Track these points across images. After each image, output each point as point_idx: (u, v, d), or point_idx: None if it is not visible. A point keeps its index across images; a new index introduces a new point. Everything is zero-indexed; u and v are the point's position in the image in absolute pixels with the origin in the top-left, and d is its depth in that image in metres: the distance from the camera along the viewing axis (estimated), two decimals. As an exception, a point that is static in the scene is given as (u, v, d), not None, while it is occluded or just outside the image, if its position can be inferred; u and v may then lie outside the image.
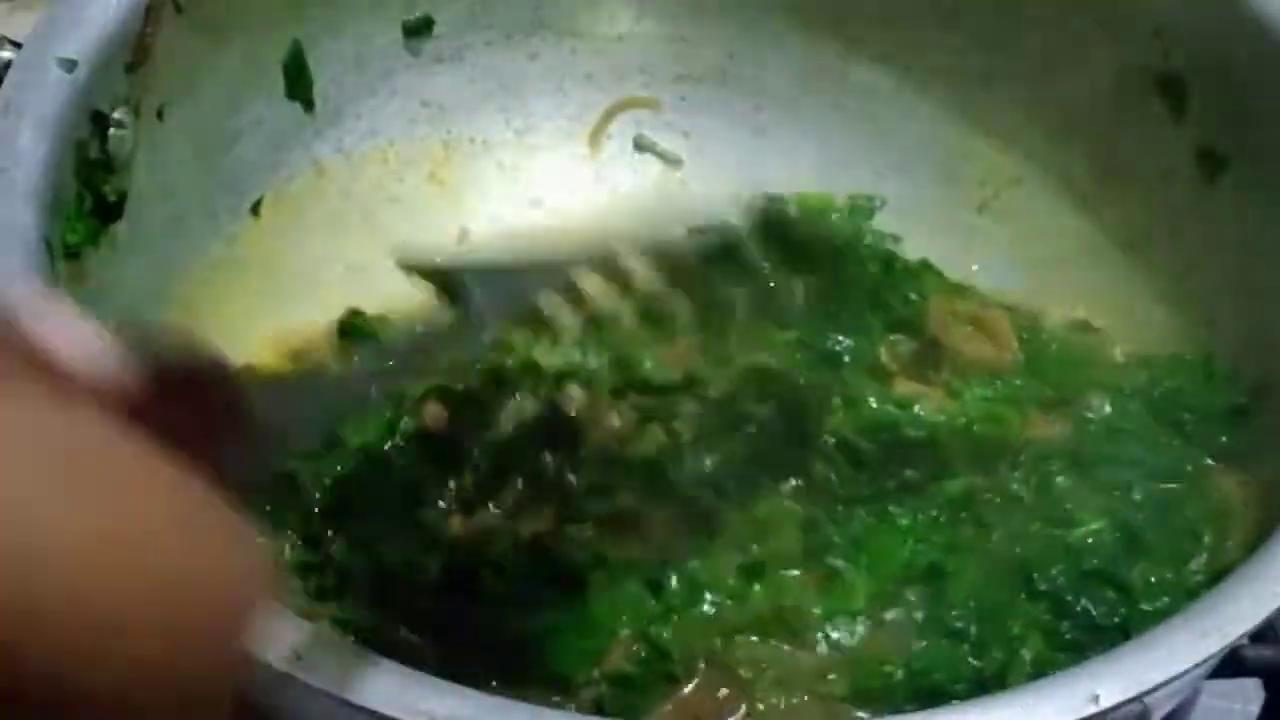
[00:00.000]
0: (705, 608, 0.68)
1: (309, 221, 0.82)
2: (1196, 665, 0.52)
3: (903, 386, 0.75)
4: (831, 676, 0.65)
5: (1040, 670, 0.64)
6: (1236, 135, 0.76)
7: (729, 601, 0.68)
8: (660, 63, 0.90)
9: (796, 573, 0.69)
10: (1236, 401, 0.74)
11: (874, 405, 0.73)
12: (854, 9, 0.87)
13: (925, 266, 0.82)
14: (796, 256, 0.81)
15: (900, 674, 0.65)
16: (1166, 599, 0.67)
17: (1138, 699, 0.51)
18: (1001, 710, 0.51)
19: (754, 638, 0.67)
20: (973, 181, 0.87)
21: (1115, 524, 0.70)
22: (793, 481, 0.72)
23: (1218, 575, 0.63)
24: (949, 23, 0.86)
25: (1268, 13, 0.73)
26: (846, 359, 0.77)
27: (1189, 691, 0.70)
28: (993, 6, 0.84)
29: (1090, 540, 0.69)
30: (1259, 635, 0.60)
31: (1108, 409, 0.75)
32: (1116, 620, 0.66)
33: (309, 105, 0.82)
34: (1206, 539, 0.69)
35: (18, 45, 0.69)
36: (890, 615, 0.68)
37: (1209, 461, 0.73)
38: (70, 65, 0.66)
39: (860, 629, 0.67)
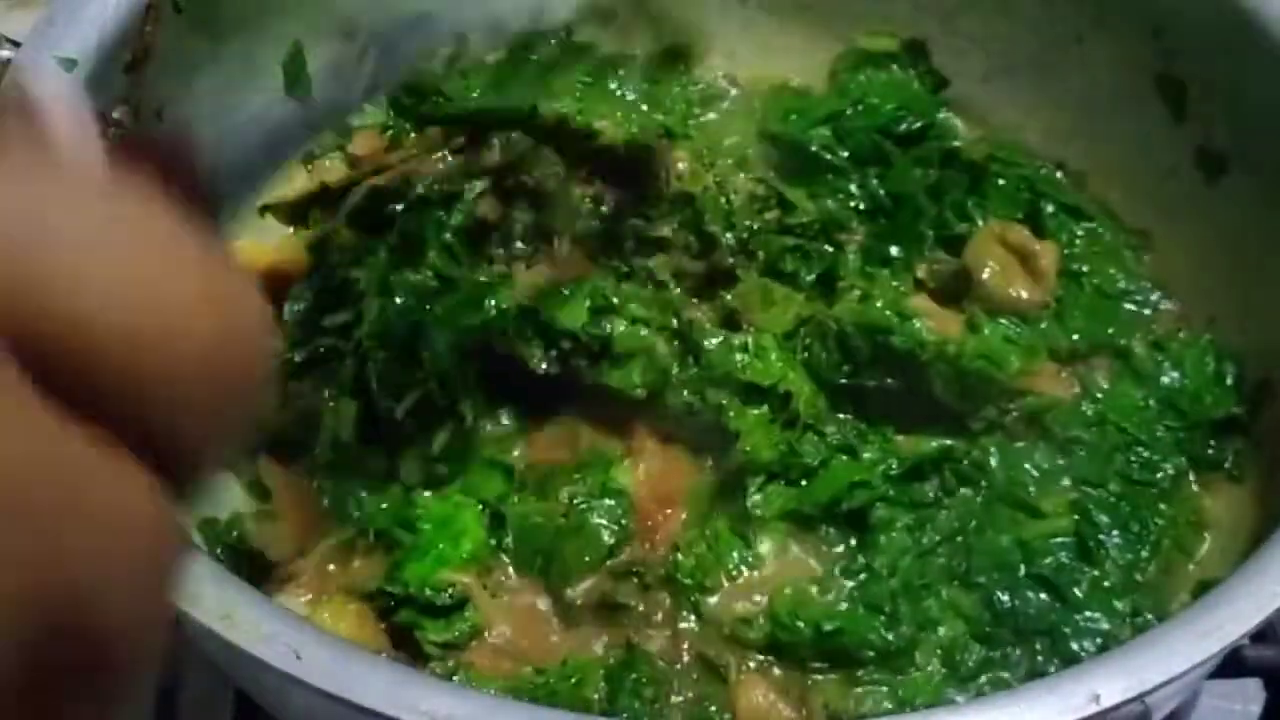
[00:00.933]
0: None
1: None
2: (1197, 665, 0.52)
3: (923, 304, 0.76)
4: (757, 622, 0.67)
5: (950, 654, 0.66)
6: (1236, 135, 0.76)
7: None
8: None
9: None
10: (1232, 412, 0.74)
11: (879, 306, 0.74)
12: (856, 10, 0.87)
13: (990, 159, 0.82)
14: (869, 151, 0.82)
15: (809, 632, 0.66)
16: (1103, 615, 0.67)
17: (1138, 699, 0.51)
18: (1002, 710, 0.51)
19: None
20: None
21: (1078, 523, 0.70)
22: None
23: (1163, 594, 0.66)
24: (949, 23, 0.86)
25: (1267, 13, 0.73)
26: (892, 266, 0.79)
27: (1190, 691, 0.69)
28: (993, 6, 0.84)
29: (1048, 541, 0.70)
30: (1259, 635, 0.60)
31: (1108, 385, 0.75)
32: (1044, 627, 0.67)
33: (308, 104, 0.81)
34: (1164, 550, 0.70)
35: (17, 44, 0.69)
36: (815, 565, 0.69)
37: (1190, 469, 0.73)
38: (70, 64, 0.66)
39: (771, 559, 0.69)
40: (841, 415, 0.73)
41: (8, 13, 0.86)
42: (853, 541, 0.70)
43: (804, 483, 0.71)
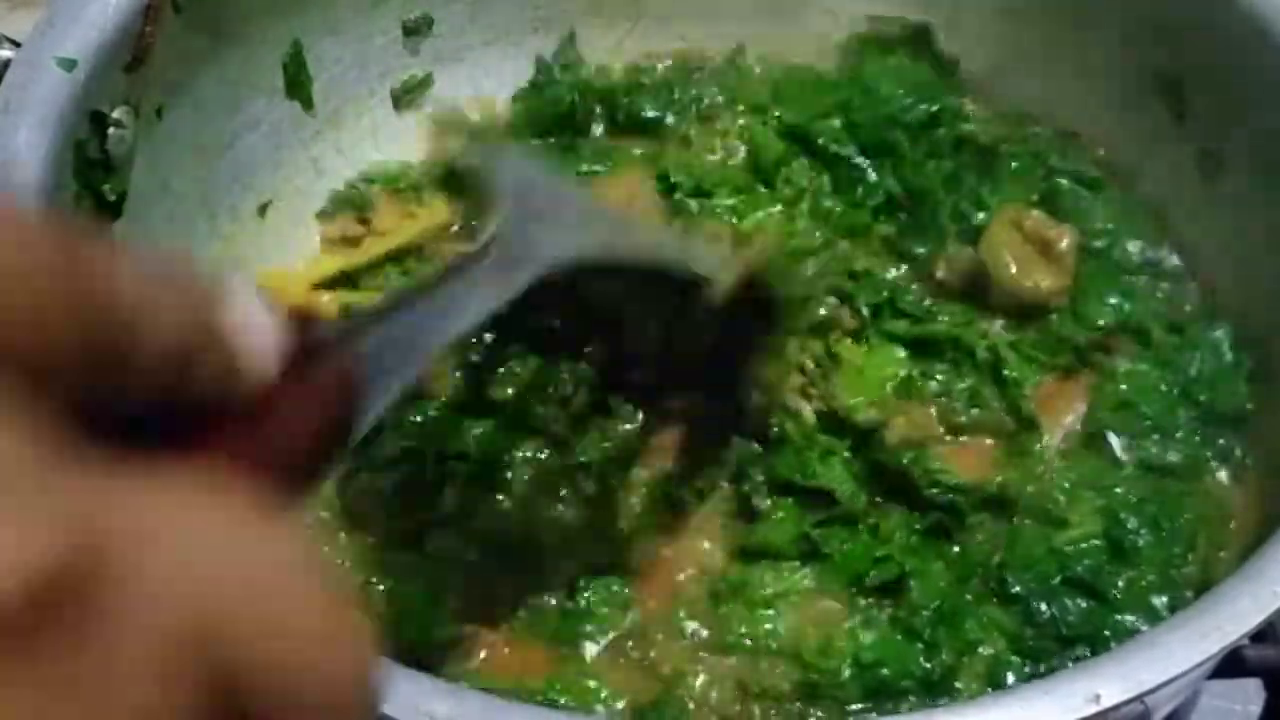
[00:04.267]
0: None
1: (308, 221, 0.82)
2: (1197, 665, 0.52)
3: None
4: (779, 669, 0.65)
5: (993, 674, 0.65)
6: (1236, 135, 0.76)
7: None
8: (662, 64, 0.90)
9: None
10: (1242, 407, 0.74)
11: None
12: (856, 10, 0.87)
13: (1001, 140, 0.82)
14: (879, 143, 0.81)
15: (848, 670, 0.64)
16: (1142, 615, 0.66)
17: (1138, 699, 0.51)
18: (1002, 710, 0.51)
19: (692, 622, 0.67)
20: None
21: (1107, 526, 0.69)
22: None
23: (1206, 587, 0.63)
24: (950, 23, 0.86)
25: (1267, 13, 0.73)
26: (915, 263, 0.78)
27: (1190, 691, 0.69)
28: (993, 7, 0.84)
29: (1079, 546, 0.69)
30: (1259, 635, 0.60)
31: (1131, 366, 0.75)
32: (1086, 632, 0.66)
33: (308, 104, 0.82)
34: (1200, 546, 0.69)
35: (17, 44, 0.69)
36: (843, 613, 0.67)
37: (1209, 457, 0.73)
38: (70, 65, 0.66)
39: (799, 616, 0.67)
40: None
41: (8, 13, 0.86)
42: (883, 598, 0.68)
43: (823, 565, 0.68)
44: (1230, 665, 0.67)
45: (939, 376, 0.74)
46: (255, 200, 0.80)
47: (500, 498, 0.70)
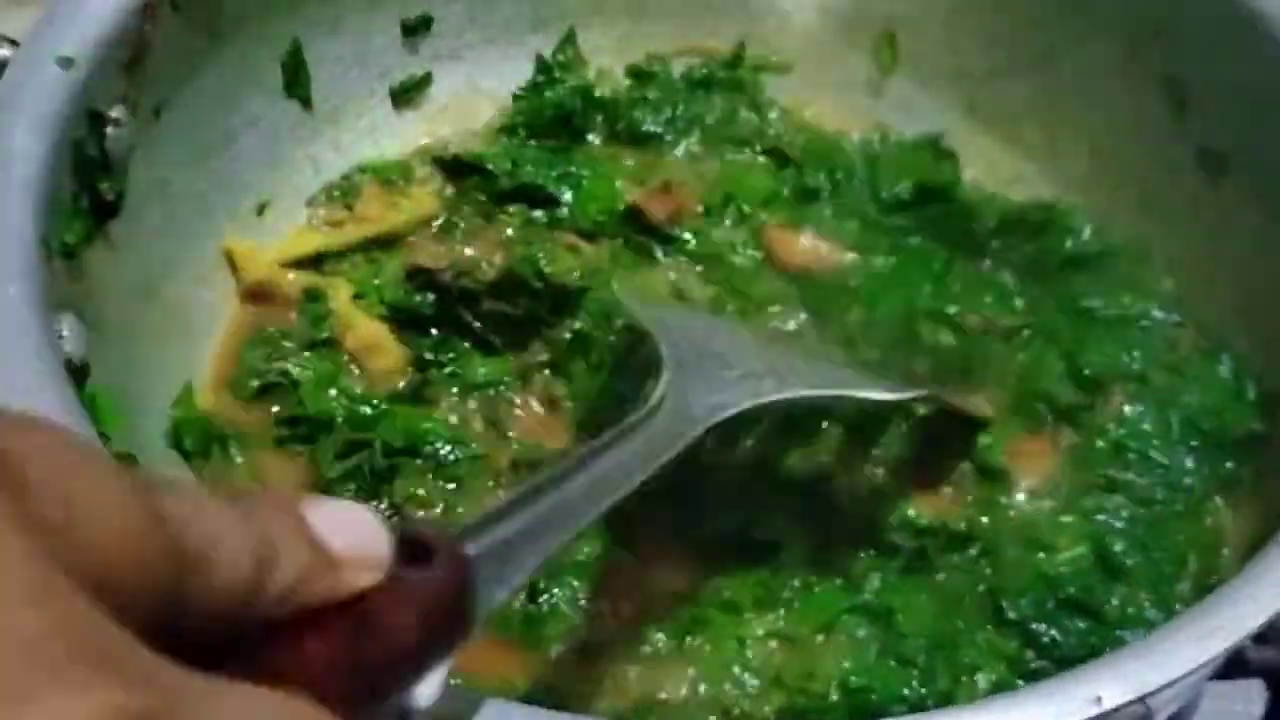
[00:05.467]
0: None
1: (305, 220, 0.82)
2: (1199, 667, 0.52)
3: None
4: (758, 690, 0.64)
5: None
6: (1237, 135, 0.76)
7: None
8: (663, 64, 0.90)
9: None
10: (1252, 429, 0.73)
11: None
12: (856, 8, 0.87)
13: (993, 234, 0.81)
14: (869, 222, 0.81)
15: (835, 695, 0.63)
16: (1141, 632, 0.66)
17: (1140, 700, 0.50)
18: (1003, 712, 0.50)
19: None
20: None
21: (1094, 547, 0.69)
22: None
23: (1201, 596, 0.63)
24: (951, 22, 0.86)
25: (1268, 13, 0.73)
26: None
27: (1192, 693, 0.69)
28: (993, 6, 0.84)
29: (1067, 568, 0.68)
30: (1262, 637, 0.60)
31: (1128, 410, 0.74)
32: (1086, 652, 0.65)
33: (307, 103, 0.81)
34: (1192, 566, 0.69)
35: (15, 43, 0.69)
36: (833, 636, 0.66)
37: (1212, 488, 0.72)
38: (68, 63, 0.66)
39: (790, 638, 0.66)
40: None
41: (7, 12, 0.86)
42: (869, 629, 0.67)
43: (801, 606, 0.67)
44: (1233, 666, 0.67)
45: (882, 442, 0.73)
46: (253, 199, 0.80)
47: (451, 485, 0.71)
